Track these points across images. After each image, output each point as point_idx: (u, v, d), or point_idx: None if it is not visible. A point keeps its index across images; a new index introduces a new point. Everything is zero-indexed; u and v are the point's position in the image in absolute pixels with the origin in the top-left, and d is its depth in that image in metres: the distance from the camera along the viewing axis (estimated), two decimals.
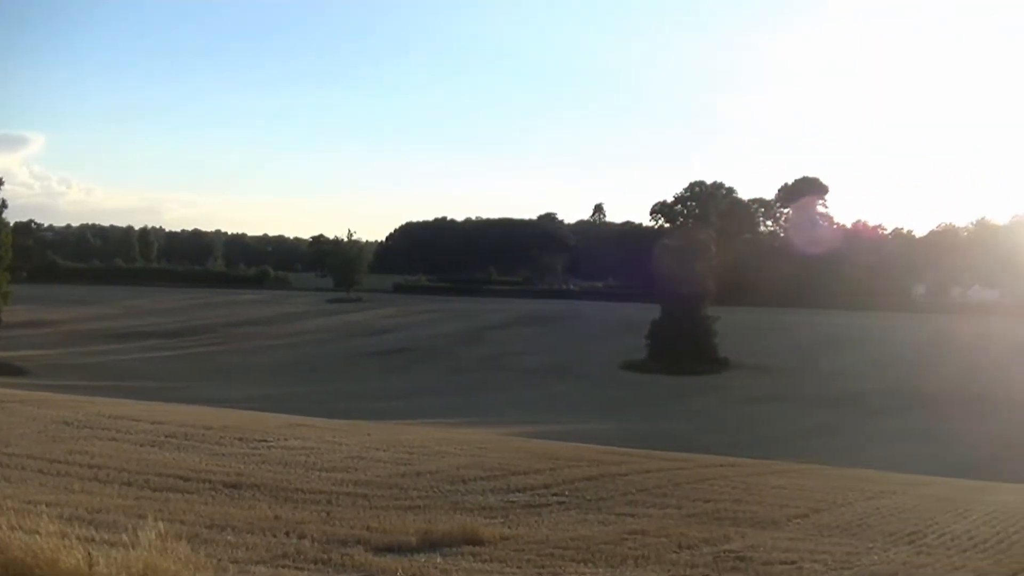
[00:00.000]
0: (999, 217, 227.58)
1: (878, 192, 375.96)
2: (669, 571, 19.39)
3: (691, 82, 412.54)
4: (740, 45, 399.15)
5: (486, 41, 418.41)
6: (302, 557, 18.14)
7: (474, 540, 20.53)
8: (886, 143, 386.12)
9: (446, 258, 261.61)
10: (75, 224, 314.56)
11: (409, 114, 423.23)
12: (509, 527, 22.62)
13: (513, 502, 26.01)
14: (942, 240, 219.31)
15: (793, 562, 20.59)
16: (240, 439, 33.44)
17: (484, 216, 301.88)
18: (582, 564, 19.52)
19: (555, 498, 26.94)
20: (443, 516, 23.14)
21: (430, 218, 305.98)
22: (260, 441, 33.46)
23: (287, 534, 19.93)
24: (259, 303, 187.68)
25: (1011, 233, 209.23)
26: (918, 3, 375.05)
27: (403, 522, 22.05)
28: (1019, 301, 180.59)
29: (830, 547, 22.50)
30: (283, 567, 17.30)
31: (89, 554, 12.67)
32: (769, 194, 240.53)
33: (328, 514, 22.69)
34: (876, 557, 21.65)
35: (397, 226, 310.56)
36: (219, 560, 16.24)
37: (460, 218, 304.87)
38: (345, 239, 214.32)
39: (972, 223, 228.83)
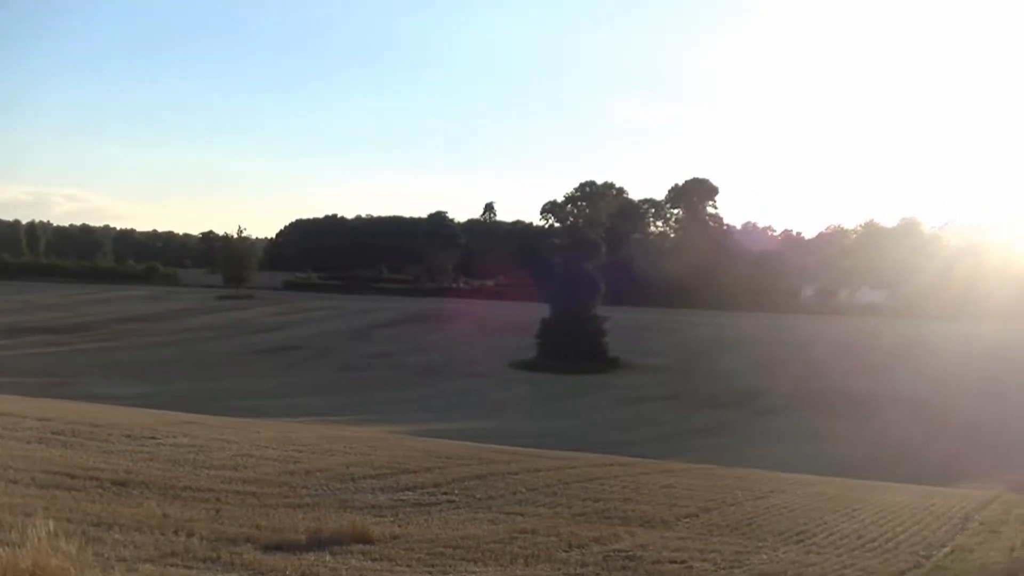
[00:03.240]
0: (887, 219, 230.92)
1: (768, 194, 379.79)
2: (559, 570, 19.45)
3: (582, 82, 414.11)
4: (631, 45, 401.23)
5: (375, 38, 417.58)
6: (191, 555, 17.98)
7: (364, 539, 20.48)
8: (776, 144, 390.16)
9: (336, 256, 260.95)
10: None
11: (299, 111, 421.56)
12: (399, 526, 22.58)
13: (403, 501, 25.97)
14: (831, 242, 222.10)
15: (683, 561, 20.71)
16: (128, 436, 33.11)
17: (375, 214, 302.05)
18: (472, 563, 19.54)
19: (445, 497, 26.95)
20: (333, 514, 23.06)
21: (320, 215, 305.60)
22: (149, 438, 33.14)
23: (175, 532, 19.73)
24: (148, 299, 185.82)
25: (899, 235, 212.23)
26: (803, 4, 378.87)
27: (292, 520, 21.95)
28: (905, 303, 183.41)
29: (720, 546, 22.67)
30: (171, 565, 17.14)
31: None
32: (659, 194, 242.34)
33: (217, 512, 22.52)
34: (766, 556, 21.85)
35: (287, 223, 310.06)
36: (106, 558, 16.08)
37: (351, 215, 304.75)
38: (235, 236, 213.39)
39: (860, 225, 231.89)
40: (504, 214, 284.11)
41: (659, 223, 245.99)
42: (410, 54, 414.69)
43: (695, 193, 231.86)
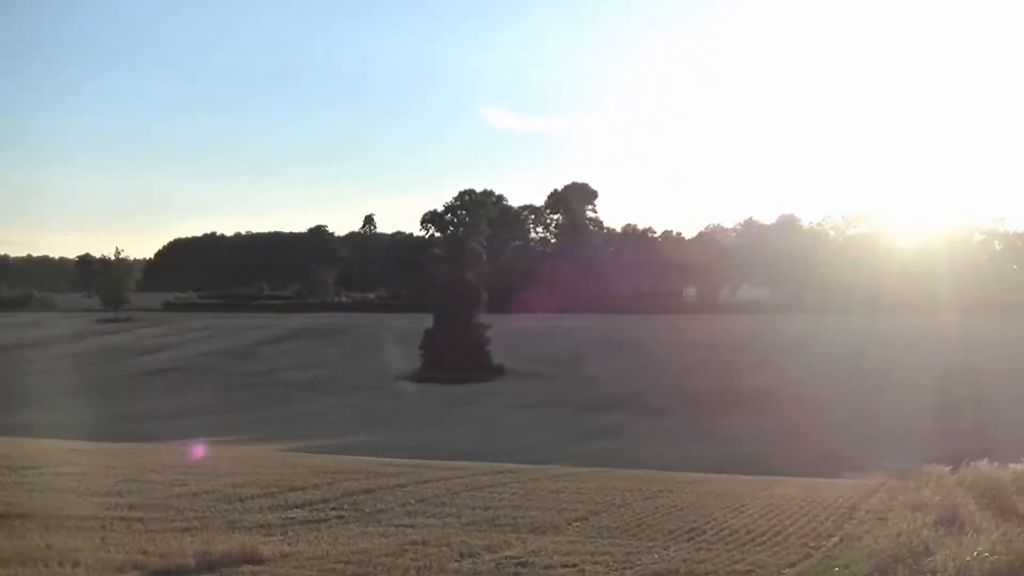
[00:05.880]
0: (765, 216, 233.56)
1: (647, 196, 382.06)
2: None
3: (458, 91, 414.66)
4: (502, 53, 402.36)
5: (249, 51, 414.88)
6: None
7: (253, 559, 20.36)
8: (655, 147, 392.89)
9: (216, 274, 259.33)
10: None
11: (173, 128, 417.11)
12: (289, 544, 22.49)
13: (292, 518, 25.90)
14: (711, 241, 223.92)
15: (575, 565, 20.80)
16: (7, 467, 32.70)
17: (254, 230, 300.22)
18: None
19: (334, 512, 26.91)
20: (221, 536, 22.88)
21: (199, 234, 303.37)
22: (29, 468, 32.74)
23: (60, 563, 19.48)
24: (24, 326, 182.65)
25: (777, 232, 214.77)
26: (676, 6, 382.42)
27: (180, 544, 21.74)
28: (787, 299, 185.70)
29: (610, 548, 22.78)
30: None
31: None
32: (539, 200, 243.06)
33: (102, 540, 22.27)
34: (656, 555, 21.98)
35: (166, 243, 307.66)
36: None
37: (230, 233, 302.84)
38: (112, 258, 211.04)
39: (740, 223, 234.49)
40: (384, 226, 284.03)
41: (539, 229, 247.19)
42: (286, 67, 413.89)
43: (574, 198, 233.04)
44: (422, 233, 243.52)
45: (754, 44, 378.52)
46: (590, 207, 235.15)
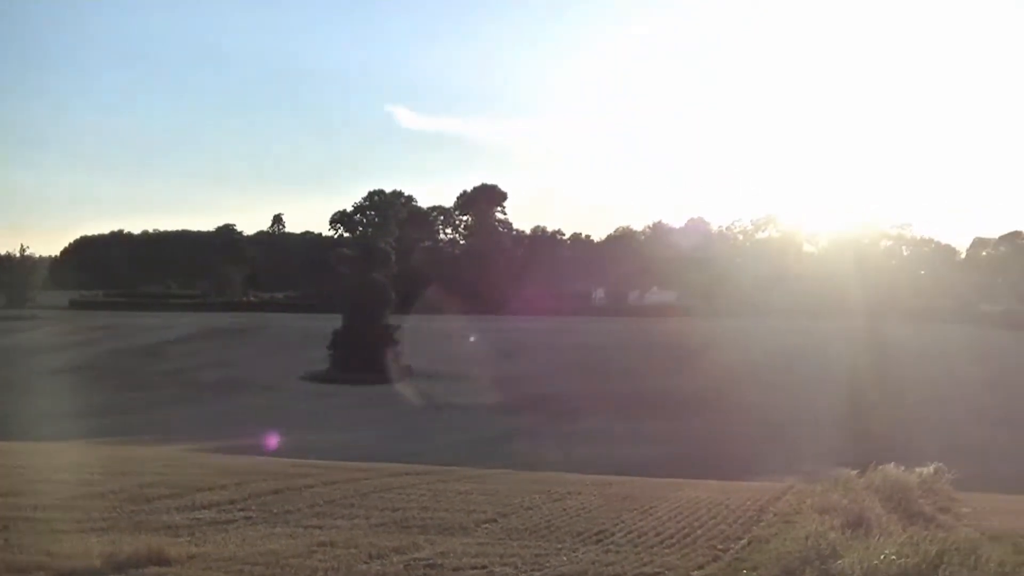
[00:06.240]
0: (675, 220, 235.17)
1: (557, 198, 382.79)
2: None
3: (367, 90, 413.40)
4: (413, 53, 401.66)
5: (152, 48, 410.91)
6: None
7: (160, 560, 20.14)
8: (563, 149, 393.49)
9: (123, 272, 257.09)
10: None
11: (77, 122, 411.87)
12: (196, 545, 22.29)
13: (199, 519, 25.68)
14: (619, 244, 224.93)
15: (484, 567, 20.77)
16: None
17: (162, 228, 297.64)
18: None
19: (241, 513, 26.72)
20: (128, 537, 22.60)
21: (106, 231, 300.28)
22: None
23: None
24: None
25: (686, 236, 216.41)
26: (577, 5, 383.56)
27: (86, 545, 21.47)
28: (695, 302, 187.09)
29: (519, 550, 22.75)
30: None
31: None
32: (448, 202, 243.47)
33: (5, 541, 21.98)
34: (565, 558, 21.98)
35: (72, 240, 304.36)
36: None
37: (136, 231, 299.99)
38: (17, 255, 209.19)
39: (648, 226, 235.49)
40: (293, 226, 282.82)
41: (448, 230, 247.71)
42: (193, 64, 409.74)
43: (483, 200, 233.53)
44: (331, 233, 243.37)
45: (666, 47, 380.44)
46: (499, 209, 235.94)
